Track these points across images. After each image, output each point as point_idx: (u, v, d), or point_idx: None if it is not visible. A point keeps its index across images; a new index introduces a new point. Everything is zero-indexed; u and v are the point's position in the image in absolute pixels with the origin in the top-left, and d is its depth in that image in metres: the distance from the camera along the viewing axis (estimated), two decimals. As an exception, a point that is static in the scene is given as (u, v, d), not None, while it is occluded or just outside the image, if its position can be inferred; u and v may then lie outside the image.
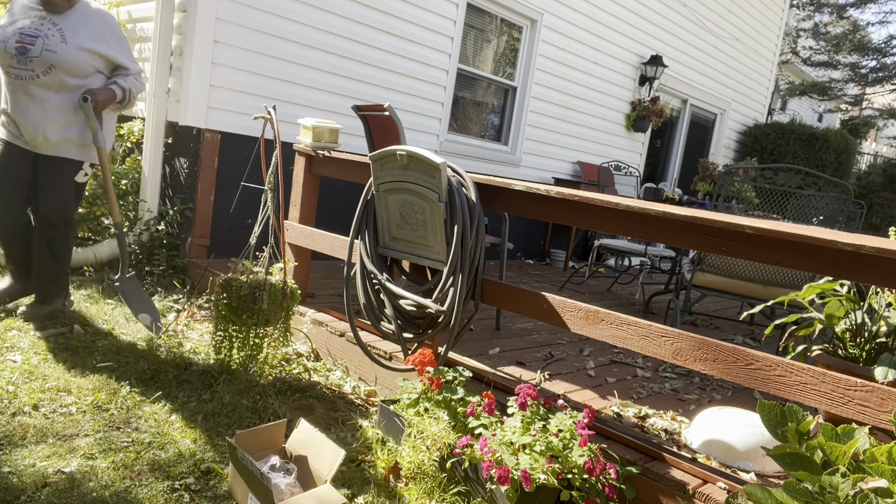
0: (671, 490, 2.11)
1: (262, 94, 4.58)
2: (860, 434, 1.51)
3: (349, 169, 3.36)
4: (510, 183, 2.64)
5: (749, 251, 2.10)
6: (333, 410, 2.76)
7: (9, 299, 3.31)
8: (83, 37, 2.97)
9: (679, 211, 2.21)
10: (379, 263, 2.85)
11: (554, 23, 6.72)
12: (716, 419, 2.54)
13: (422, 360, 2.50)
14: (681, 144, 9.43)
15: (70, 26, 2.96)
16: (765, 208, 4.37)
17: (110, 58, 3.06)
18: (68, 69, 2.93)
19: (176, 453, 2.21)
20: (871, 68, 17.72)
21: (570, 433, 2.12)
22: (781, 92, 17.37)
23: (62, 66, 2.91)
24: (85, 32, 2.99)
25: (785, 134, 10.34)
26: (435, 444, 2.21)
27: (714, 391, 3.32)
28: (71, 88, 2.97)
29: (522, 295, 2.62)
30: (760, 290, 3.79)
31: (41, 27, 2.92)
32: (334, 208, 4.87)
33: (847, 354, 2.30)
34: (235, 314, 2.84)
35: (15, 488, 1.89)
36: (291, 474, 2.06)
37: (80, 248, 4.24)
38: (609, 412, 2.75)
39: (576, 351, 3.68)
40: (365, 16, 5.12)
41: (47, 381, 2.58)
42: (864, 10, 17.85)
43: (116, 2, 4.96)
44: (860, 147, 15.16)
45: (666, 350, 2.21)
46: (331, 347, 3.31)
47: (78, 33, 2.96)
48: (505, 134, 6.80)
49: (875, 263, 1.86)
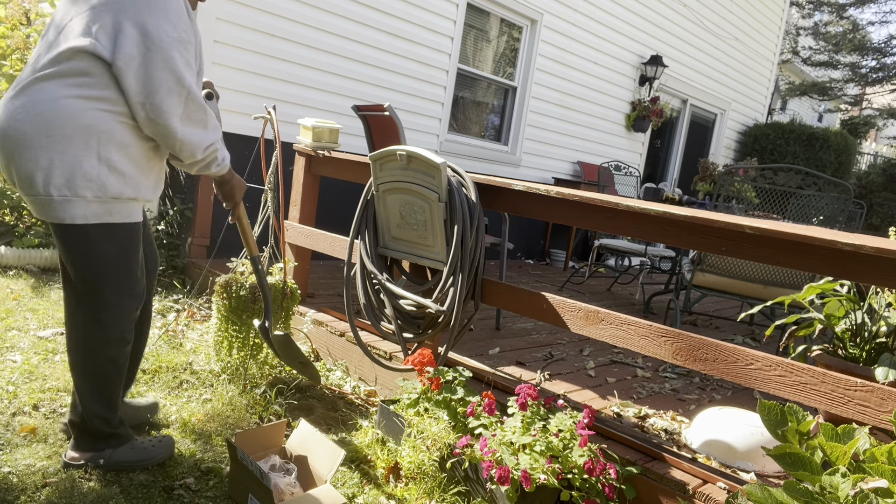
0: (671, 490, 2.11)
1: (262, 93, 4.58)
2: (860, 434, 1.51)
3: (349, 169, 3.36)
4: (510, 183, 2.64)
5: (749, 251, 2.10)
6: (333, 410, 2.76)
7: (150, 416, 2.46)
8: None
9: (679, 211, 2.21)
10: (379, 263, 2.85)
11: (554, 23, 6.72)
12: (716, 419, 2.54)
13: (422, 360, 2.50)
14: (681, 144, 9.43)
15: None
16: (765, 208, 4.37)
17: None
18: None
19: (176, 453, 2.21)
20: (871, 68, 17.71)
21: (570, 433, 2.12)
22: (781, 92, 17.36)
23: None
24: None
25: (785, 134, 10.34)
26: (435, 444, 2.21)
27: (714, 391, 3.32)
28: None
29: (522, 295, 2.62)
30: (760, 290, 3.79)
31: None
32: (334, 208, 4.87)
33: (847, 354, 2.30)
34: (235, 314, 2.84)
35: (15, 488, 1.89)
36: (291, 474, 2.06)
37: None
38: (609, 412, 2.75)
39: (576, 351, 3.68)
40: (365, 16, 5.12)
41: (47, 381, 2.58)
42: (864, 9, 17.84)
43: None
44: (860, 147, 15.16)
45: (666, 350, 2.21)
46: (331, 347, 3.31)
47: None
48: (505, 134, 6.80)
49: (875, 263, 1.86)
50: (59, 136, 1.73)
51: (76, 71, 1.74)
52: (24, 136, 1.74)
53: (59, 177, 1.74)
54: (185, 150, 1.85)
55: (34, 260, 4.07)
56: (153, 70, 1.74)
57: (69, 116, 1.73)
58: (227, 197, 2.19)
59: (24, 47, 4.74)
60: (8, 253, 3.99)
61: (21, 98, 1.77)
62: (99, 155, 1.76)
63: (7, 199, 4.20)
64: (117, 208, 1.83)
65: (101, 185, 1.78)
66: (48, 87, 1.75)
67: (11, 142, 1.75)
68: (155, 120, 1.78)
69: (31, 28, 4.88)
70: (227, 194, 2.18)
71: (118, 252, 1.89)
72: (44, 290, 3.71)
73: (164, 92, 1.75)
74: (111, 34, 1.73)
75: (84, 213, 1.79)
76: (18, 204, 4.39)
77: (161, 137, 1.83)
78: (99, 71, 1.75)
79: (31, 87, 1.77)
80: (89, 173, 1.76)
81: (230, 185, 2.16)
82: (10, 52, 4.74)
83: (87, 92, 1.75)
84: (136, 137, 1.83)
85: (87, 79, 1.75)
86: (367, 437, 2.47)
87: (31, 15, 5.02)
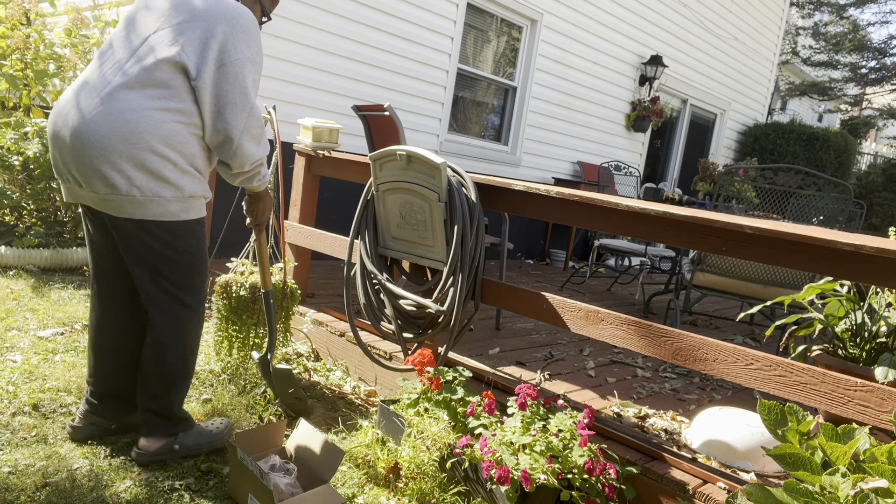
0: (671, 490, 2.11)
1: (262, 93, 4.58)
2: (860, 434, 1.51)
3: (349, 169, 3.36)
4: (510, 183, 2.64)
5: (749, 251, 2.10)
6: (333, 410, 2.76)
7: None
8: None
9: (679, 211, 2.21)
10: (379, 263, 2.85)
11: (554, 23, 6.72)
12: (716, 419, 2.54)
13: (422, 360, 2.50)
14: (681, 144, 9.43)
15: None
16: (765, 208, 4.36)
17: None
18: None
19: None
20: (871, 68, 17.72)
21: (570, 433, 2.12)
22: (781, 92, 17.37)
23: None
24: None
25: (785, 134, 10.34)
26: (435, 444, 2.21)
27: (714, 391, 3.32)
28: None
29: (522, 295, 2.62)
30: (760, 290, 3.79)
31: None
32: (334, 208, 4.87)
33: (847, 354, 2.30)
34: (235, 314, 2.84)
35: (15, 488, 1.89)
36: (291, 474, 2.06)
37: (80, 248, 4.24)
38: (609, 412, 2.75)
39: (576, 351, 3.68)
40: (365, 16, 5.12)
41: (47, 381, 2.58)
42: (864, 9, 17.85)
43: (116, 2, 4.97)
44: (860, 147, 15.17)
45: (666, 350, 2.21)
46: (331, 347, 3.31)
47: None
48: (505, 134, 6.80)
49: (875, 263, 1.86)
50: (141, 144, 1.88)
51: (160, 83, 1.90)
52: (106, 141, 1.87)
53: (141, 179, 1.90)
54: (237, 160, 2.02)
55: (34, 260, 4.07)
56: (226, 85, 1.93)
57: (151, 126, 1.88)
58: (257, 215, 2.33)
59: (24, 47, 4.74)
60: (8, 253, 3.99)
61: (107, 104, 1.89)
62: (176, 161, 1.93)
63: (7, 199, 4.20)
64: (192, 205, 2.02)
65: (178, 187, 1.96)
66: (133, 97, 1.89)
67: (93, 146, 1.87)
68: (221, 130, 1.96)
69: (32, 28, 4.87)
70: (258, 212, 2.33)
71: (197, 243, 2.08)
72: (44, 290, 3.71)
73: (232, 105, 1.95)
74: (198, 50, 1.92)
75: (166, 212, 1.96)
76: (18, 204, 4.39)
77: (220, 145, 1.99)
78: (179, 83, 1.92)
79: (116, 95, 1.89)
80: (168, 177, 1.93)
81: (263, 203, 2.31)
82: (10, 52, 4.74)
83: (167, 104, 1.91)
84: (201, 147, 2.01)
85: (168, 91, 1.91)
86: (367, 437, 2.47)
87: (31, 15, 5.02)
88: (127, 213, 1.94)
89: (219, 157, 2.04)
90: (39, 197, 4.38)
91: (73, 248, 4.19)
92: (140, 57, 1.92)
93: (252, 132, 2.00)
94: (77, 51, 4.90)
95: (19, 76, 4.72)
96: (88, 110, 1.89)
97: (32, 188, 4.38)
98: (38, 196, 4.37)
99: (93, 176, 1.90)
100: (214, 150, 2.02)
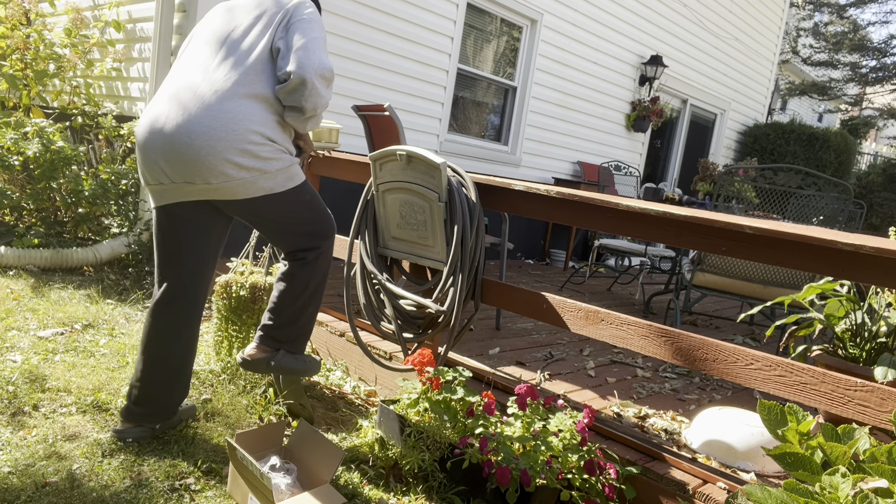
0: (671, 490, 2.11)
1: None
2: (860, 434, 1.51)
3: (349, 169, 3.36)
4: (510, 183, 2.64)
5: (749, 251, 2.10)
6: (333, 410, 2.76)
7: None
8: None
9: (679, 211, 2.21)
10: (379, 263, 2.85)
11: (554, 23, 6.72)
12: (716, 419, 2.54)
13: (421, 360, 2.50)
14: (681, 144, 9.43)
15: None
16: (765, 208, 4.36)
17: None
18: None
19: (176, 453, 2.21)
20: (871, 68, 17.72)
21: (570, 433, 2.12)
22: (781, 92, 17.36)
23: None
24: None
25: (785, 134, 10.34)
26: (435, 444, 2.21)
27: (714, 391, 3.32)
28: None
29: (522, 295, 2.62)
30: (760, 290, 3.79)
31: None
32: (334, 208, 4.86)
33: (847, 354, 2.30)
34: (235, 314, 2.84)
35: (15, 488, 1.89)
36: (291, 474, 2.06)
37: (80, 248, 4.24)
38: (609, 412, 2.75)
39: (576, 351, 3.68)
40: (365, 16, 5.12)
41: (47, 381, 2.58)
42: (864, 9, 17.85)
43: (116, 2, 4.96)
44: (860, 147, 15.17)
45: (666, 350, 2.21)
46: (331, 347, 3.31)
47: None
48: (505, 134, 6.80)
49: (875, 263, 1.86)
50: (241, 130, 2.10)
51: (252, 75, 2.14)
52: (213, 132, 2.07)
53: (250, 161, 2.13)
54: (311, 101, 2.17)
55: (34, 260, 4.07)
56: (298, 34, 2.16)
57: (245, 117, 2.11)
58: (308, 144, 2.58)
59: (24, 47, 4.74)
60: (8, 253, 3.99)
61: (205, 101, 2.09)
62: (273, 140, 2.17)
63: (7, 199, 4.20)
64: (294, 171, 2.27)
65: (281, 160, 2.20)
66: (229, 93, 2.11)
67: (203, 142, 2.07)
68: (298, 74, 2.10)
69: (32, 28, 4.88)
70: (308, 143, 2.59)
71: (311, 197, 2.35)
72: (44, 290, 3.71)
73: (303, 49, 2.14)
74: (275, 28, 2.18)
75: (274, 184, 2.19)
76: (18, 204, 4.39)
77: (294, 90, 2.13)
78: (268, 75, 2.16)
79: (216, 95, 2.11)
80: (270, 157, 2.17)
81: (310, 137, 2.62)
82: (10, 52, 4.74)
83: (258, 91, 2.14)
84: (284, 129, 2.24)
85: (258, 82, 2.14)
86: (367, 437, 2.47)
87: (31, 15, 5.02)
88: (247, 193, 2.16)
89: (292, 103, 2.18)
90: (39, 197, 4.38)
91: (73, 248, 4.19)
92: (231, 54, 2.17)
93: (325, 75, 2.16)
94: (77, 51, 4.90)
95: (19, 76, 4.72)
96: (191, 109, 2.09)
97: (32, 188, 4.38)
98: (38, 196, 4.37)
99: (204, 169, 2.09)
100: (289, 98, 2.16)
